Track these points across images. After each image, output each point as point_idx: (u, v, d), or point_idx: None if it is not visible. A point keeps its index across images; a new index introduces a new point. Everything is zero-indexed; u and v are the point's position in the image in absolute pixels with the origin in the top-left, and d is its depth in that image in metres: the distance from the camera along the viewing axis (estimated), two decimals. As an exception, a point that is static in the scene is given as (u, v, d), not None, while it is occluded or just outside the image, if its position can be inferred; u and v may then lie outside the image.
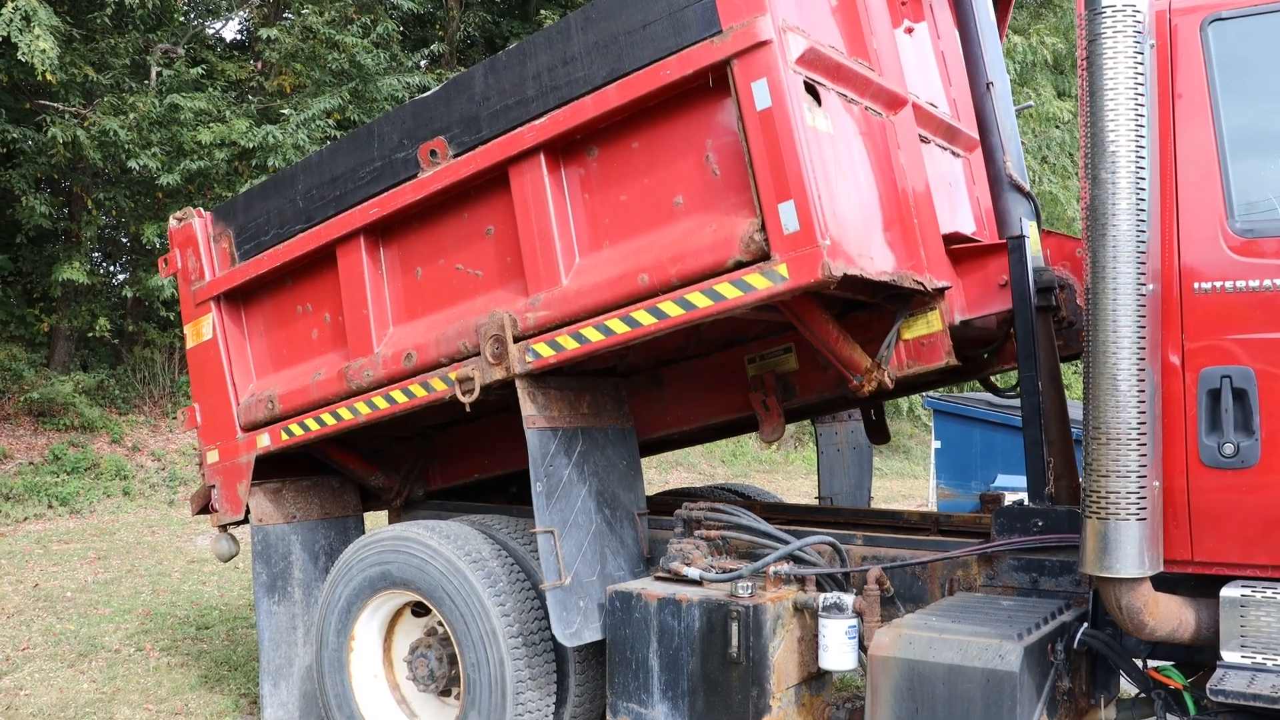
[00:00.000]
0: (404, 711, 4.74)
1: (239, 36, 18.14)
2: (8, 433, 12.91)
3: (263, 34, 14.22)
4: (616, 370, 4.90)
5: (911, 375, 4.03)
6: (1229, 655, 2.98)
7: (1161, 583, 3.13)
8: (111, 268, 16.63)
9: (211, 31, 17.11)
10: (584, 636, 4.00)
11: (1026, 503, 3.82)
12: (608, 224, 3.90)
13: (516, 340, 4.03)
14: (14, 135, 12.74)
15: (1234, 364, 3.04)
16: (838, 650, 3.57)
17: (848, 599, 3.62)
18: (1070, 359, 4.21)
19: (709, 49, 3.46)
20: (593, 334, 3.83)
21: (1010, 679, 2.97)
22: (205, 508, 5.58)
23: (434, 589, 4.31)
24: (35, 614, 7.61)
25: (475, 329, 4.17)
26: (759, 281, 3.42)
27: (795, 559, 3.88)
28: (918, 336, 3.95)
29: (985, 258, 4.03)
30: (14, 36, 10.74)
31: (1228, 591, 3.00)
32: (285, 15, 16.01)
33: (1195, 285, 3.10)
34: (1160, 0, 3.19)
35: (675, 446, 6.58)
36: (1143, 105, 2.93)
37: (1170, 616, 3.12)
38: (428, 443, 5.68)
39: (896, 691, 3.15)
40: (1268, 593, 2.94)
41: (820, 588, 3.82)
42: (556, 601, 3.94)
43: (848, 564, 3.97)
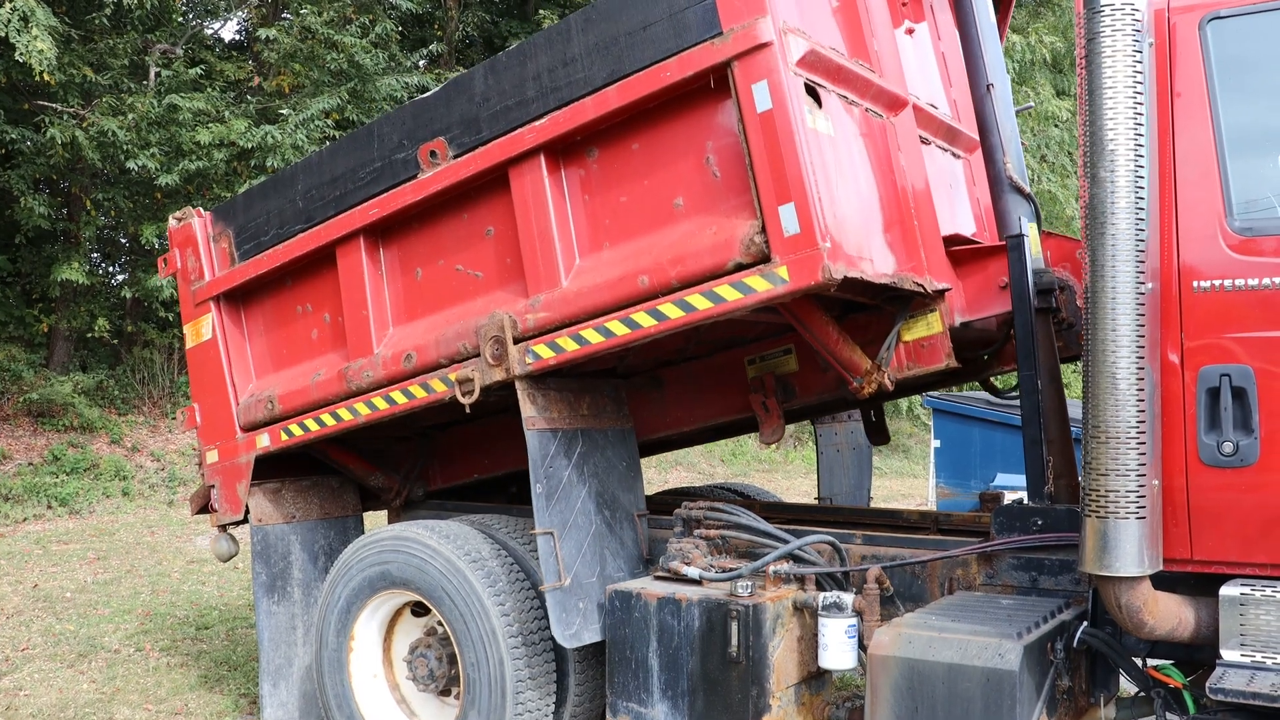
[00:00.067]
0: (403, 711, 4.74)
1: (237, 37, 18.15)
2: (7, 433, 12.90)
3: (261, 34, 14.21)
4: (616, 371, 4.90)
5: (911, 377, 4.03)
6: (1228, 654, 2.98)
7: (1161, 581, 3.14)
8: (110, 268, 16.64)
9: (210, 32, 17.11)
10: (583, 638, 4.01)
11: (1026, 502, 3.82)
12: (608, 225, 3.90)
13: (516, 341, 4.04)
14: (12, 136, 12.74)
15: (1233, 362, 3.05)
16: (837, 649, 3.58)
17: (847, 598, 3.62)
18: (1070, 360, 4.21)
19: (710, 51, 3.46)
20: (593, 336, 3.83)
21: (1010, 678, 2.97)
22: (205, 508, 5.59)
23: (433, 589, 4.31)
24: (35, 614, 7.60)
25: (475, 330, 4.18)
26: (759, 284, 3.42)
27: (795, 558, 3.88)
28: (918, 338, 3.95)
29: (985, 259, 4.03)
30: (11, 37, 10.73)
31: (1227, 590, 3.00)
32: (284, 15, 16.00)
33: (1194, 284, 3.10)
34: (1159, -1, 3.20)
35: (675, 447, 6.58)
36: (1141, 104, 2.93)
37: (1170, 615, 3.12)
38: (428, 443, 5.68)
39: (896, 690, 3.15)
40: (1267, 591, 2.94)
41: (820, 587, 3.82)
42: (556, 603, 3.94)
43: (847, 563, 3.97)
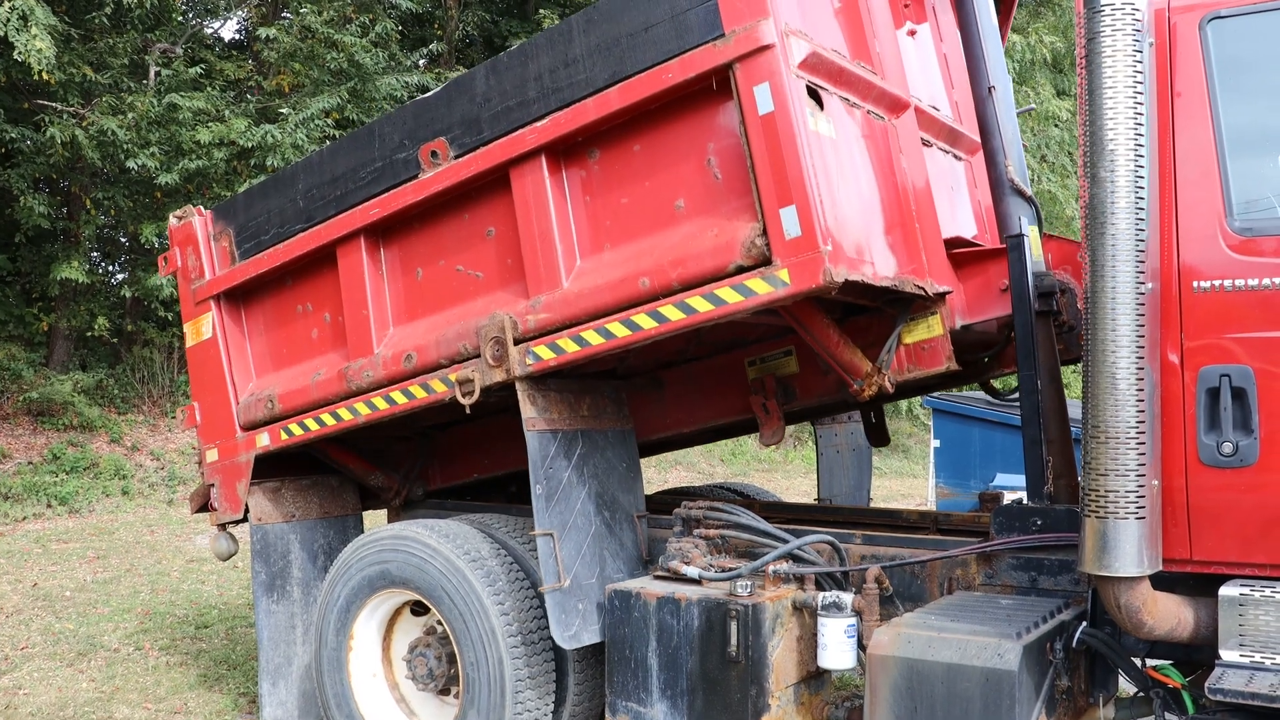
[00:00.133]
0: (403, 710, 4.74)
1: (237, 36, 18.13)
2: (7, 432, 12.89)
3: (261, 33, 14.21)
4: (617, 372, 4.90)
5: (911, 379, 4.03)
6: (1227, 654, 2.98)
7: (1160, 581, 3.14)
8: (110, 267, 16.62)
9: (210, 31, 17.10)
10: (583, 639, 4.01)
11: (1025, 502, 3.82)
12: (609, 227, 3.90)
13: (517, 342, 4.04)
14: (12, 135, 12.73)
15: (1233, 363, 3.05)
16: (837, 649, 3.58)
17: (847, 598, 3.62)
18: (1070, 363, 4.21)
19: (711, 52, 3.46)
20: (593, 337, 3.83)
21: (1009, 678, 2.98)
22: (204, 506, 5.59)
23: (433, 588, 4.32)
24: (34, 613, 7.60)
25: (476, 331, 4.18)
26: (760, 286, 3.42)
27: (794, 558, 3.88)
28: (918, 341, 3.95)
29: (986, 262, 4.03)
30: (11, 36, 10.73)
31: (1226, 590, 3.01)
32: (284, 14, 16.00)
33: (1194, 284, 3.10)
34: (1159, -1, 3.20)
35: (675, 447, 6.58)
36: (1142, 104, 2.93)
37: (1169, 615, 3.12)
38: (427, 442, 5.68)
39: (895, 690, 3.16)
40: (1266, 591, 2.95)
41: (819, 586, 3.83)
42: (555, 604, 3.94)
43: (847, 563, 3.97)
